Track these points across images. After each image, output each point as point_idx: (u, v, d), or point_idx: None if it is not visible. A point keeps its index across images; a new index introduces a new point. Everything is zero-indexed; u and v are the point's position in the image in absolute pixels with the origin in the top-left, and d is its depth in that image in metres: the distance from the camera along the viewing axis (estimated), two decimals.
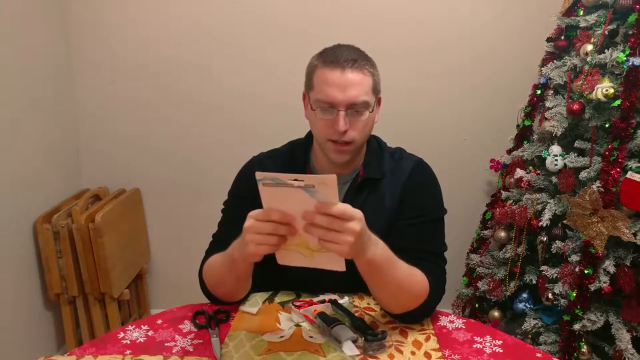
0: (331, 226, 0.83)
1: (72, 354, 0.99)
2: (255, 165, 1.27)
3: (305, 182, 0.80)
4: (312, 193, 0.80)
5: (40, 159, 2.08)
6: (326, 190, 0.80)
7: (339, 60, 1.07)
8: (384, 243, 0.96)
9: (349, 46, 1.13)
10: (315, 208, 0.82)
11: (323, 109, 1.09)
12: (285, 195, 0.82)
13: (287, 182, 0.80)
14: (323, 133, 1.11)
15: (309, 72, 1.14)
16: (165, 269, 2.52)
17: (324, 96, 1.07)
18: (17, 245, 1.93)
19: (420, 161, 1.24)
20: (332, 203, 0.82)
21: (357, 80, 1.07)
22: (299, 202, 0.82)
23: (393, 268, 0.99)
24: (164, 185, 2.41)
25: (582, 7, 1.78)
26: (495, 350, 1.01)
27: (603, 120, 1.64)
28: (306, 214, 0.83)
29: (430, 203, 1.19)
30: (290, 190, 0.81)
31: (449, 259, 1.19)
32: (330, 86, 1.07)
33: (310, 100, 1.13)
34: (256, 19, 2.22)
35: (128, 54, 2.27)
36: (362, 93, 1.08)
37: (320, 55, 1.12)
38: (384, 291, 1.05)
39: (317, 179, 0.80)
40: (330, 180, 0.79)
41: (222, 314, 1.12)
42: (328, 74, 1.07)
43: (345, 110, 1.07)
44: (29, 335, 2.01)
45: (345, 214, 0.83)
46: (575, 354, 1.64)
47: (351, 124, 1.09)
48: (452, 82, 2.28)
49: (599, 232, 1.57)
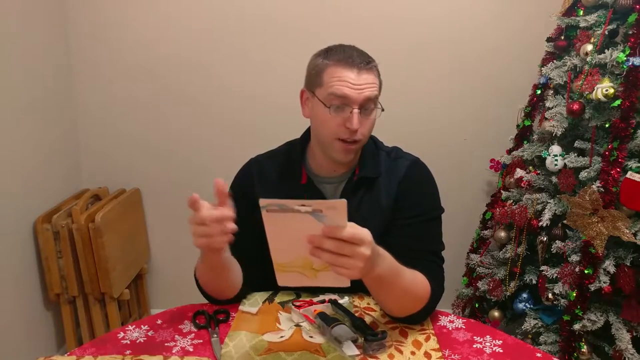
0: (341, 251, 0.81)
1: (72, 354, 0.99)
2: (252, 167, 1.27)
3: (313, 207, 0.77)
4: (320, 217, 0.78)
5: (40, 159, 2.08)
6: (335, 215, 0.78)
7: (354, 60, 1.09)
8: (389, 254, 0.95)
9: (355, 47, 1.14)
10: (323, 232, 0.80)
11: (335, 107, 1.09)
12: (290, 221, 0.79)
13: (293, 207, 0.78)
14: (333, 132, 1.11)
15: (317, 70, 1.13)
16: (165, 269, 2.52)
17: (339, 91, 1.08)
18: (17, 245, 1.93)
19: (416, 160, 1.24)
20: (341, 227, 0.80)
21: (370, 80, 1.10)
22: (305, 227, 0.80)
23: (398, 278, 0.99)
24: (164, 185, 2.41)
25: (582, 7, 1.78)
26: (495, 350, 1.01)
27: (603, 120, 1.64)
28: (313, 237, 0.80)
29: (427, 202, 1.19)
30: (297, 215, 0.78)
31: (449, 258, 1.19)
32: (346, 83, 1.08)
33: (318, 97, 1.12)
34: (256, 19, 2.22)
35: (128, 54, 2.27)
36: (374, 91, 1.11)
37: (327, 54, 1.12)
38: (389, 299, 1.05)
39: (325, 204, 0.77)
40: (340, 205, 0.77)
41: (222, 314, 1.13)
42: (343, 72, 1.08)
43: (359, 109, 1.09)
44: (29, 335, 2.01)
45: (355, 238, 0.81)
46: (575, 354, 1.64)
47: (361, 122, 1.10)
48: (452, 82, 2.28)
49: (599, 232, 1.57)
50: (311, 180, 1.22)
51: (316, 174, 1.23)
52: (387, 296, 1.04)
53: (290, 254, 0.84)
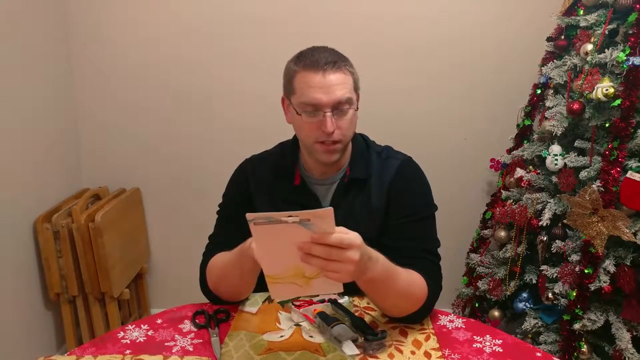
0: (330, 256, 0.81)
1: (72, 353, 0.99)
2: (247, 167, 1.28)
3: (300, 217, 0.78)
4: (308, 226, 0.79)
5: (40, 158, 2.08)
6: (322, 223, 0.79)
7: (319, 63, 1.08)
8: (383, 257, 0.95)
9: (325, 48, 1.13)
10: (312, 239, 0.80)
11: (308, 112, 1.09)
12: (278, 232, 0.79)
13: (280, 219, 0.78)
14: (310, 136, 1.12)
15: (288, 77, 1.14)
16: (165, 268, 2.52)
17: (309, 99, 1.08)
18: (17, 245, 1.93)
19: (406, 159, 1.24)
20: (329, 232, 0.80)
21: (339, 80, 1.08)
22: (294, 236, 0.80)
23: (393, 280, 0.98)
24: (164, 185, 2.41)
25: (582, 6, 1.78)
26: (495, 350, 1.01)
27: (603, 120, 1.64)
28: (303, 244, 0.81)
29: (419, 201, 1.19)
30: (285, 226, 0.78)
31: (449, 258, 1.19)
32: (314, 89, 1.07)
33: (292, 105, 1.13)
34: (256, 19, 2.22)
35: (128, 54, 2.26)
36: (345, 92, 1.09)
37: (298, 59, 1.12)
38: (385, 301, 1.05)
39: (312, 213, 0.78)
40: (327, 213, 0.78)
41: (222, 313, 1.13)
42: (310, 77, 1.08)
43: (331, 111, 1.08)
44: (29, 335, 2.01)
45: (343, 243, 0.81)
46: (575, 353, 1.64)
47: (337, 123, 1.09)
48: (452, 81, 2.28)
49: (599, 231, 1.57)
50: (304, 182, 1.22)
51: (309, 176, 1.23)
52: (383, 298, 1.04)
53: (281, 265, 0.84)
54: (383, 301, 1.05)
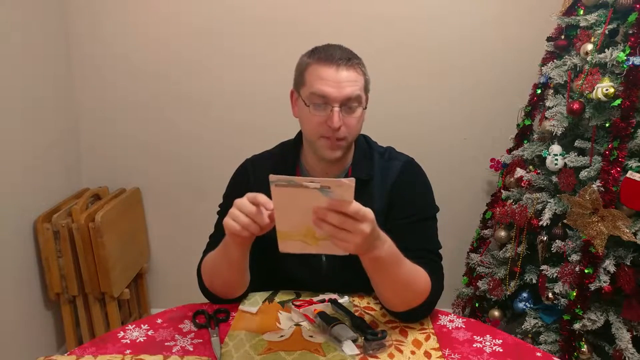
0: (343, 225, 0.83)
1: (72, 353, 0.99)
2: (248, 167, 1.28)
3: (321, 184, 0.80)
4: (327, 193, 0.80)
5: (41, 158, 2.08)
6: (342, 192, 0.80)
7: (333, 58, 1.09)
8: (391, 241, 0.96)
9: (340, 46, 1.14)
10: (329, 204, 0.82)
11: (316, 106, 1.09)
12: (298, 196, 0.81)
13: (302, 183, 0.80)
14: (316, 130, 1.12)
15: (300, 69, 1.14)
16: (165, 268, 2.52)
17: (319, 90, 1.08)
18: (17, 245, 1.93)
19: (409, 161, 1.24)
20: (348, 201, 0.82)
21: (351, 77, 1.09)
22: (311, 201, 0.82)
23: (398, 266, 0.99)
24: (164, 185, 2.41)
25: (582, 6, 1.78)
26: (495, 350, 1.01)
27: (603, 120, 1.64)
28: (318, 209, 0.82)
29: (421, 202, 1.19)
30: (305, 190, 0.80)
31: (449, 257, 1.19)
32: (325, 82, 1.08)
33: (301, 97, 1.13)
34: (257, 19, 2.22)
35: (128, 53, 2.26)
36: (356, 89, 1.09)
37: (312, 53, 1.13)
38: (388, 288, 1.05)
39: (334, 182, 0.80)
40: (349, 183, 0.79)
41: (222, 313, 1.13)
42: (322, 70, 1.08)
43: (339, 107, 1.08)
44: (29, 335, 2.01)
45: (359, 214, 0.83)
46: (575, 353, 1.64)
47: (344, 120, 1.10)
48: (452, 81, 2.28)
49: (599, 231, 1.57)
50: None
51: (310, 175, 1.23)
52: (387, 284, 1.03)
53: (294, 225, 0.86)
54: (386, 288, 1.05)
